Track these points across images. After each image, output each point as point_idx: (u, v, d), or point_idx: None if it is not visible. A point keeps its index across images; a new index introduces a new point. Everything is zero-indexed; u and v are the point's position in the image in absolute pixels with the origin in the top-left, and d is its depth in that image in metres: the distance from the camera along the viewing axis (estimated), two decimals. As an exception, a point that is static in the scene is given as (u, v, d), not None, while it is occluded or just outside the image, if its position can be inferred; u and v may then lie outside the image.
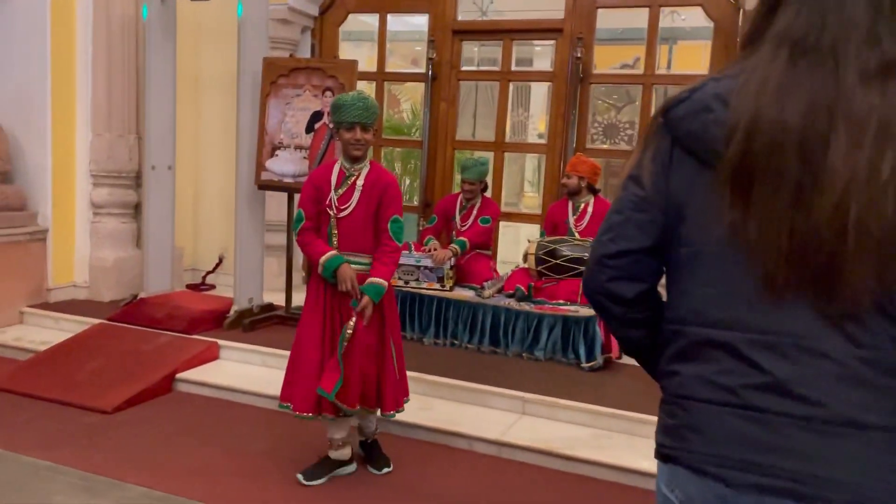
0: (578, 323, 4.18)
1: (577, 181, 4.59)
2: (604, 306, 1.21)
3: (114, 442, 3.33)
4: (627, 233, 1.15)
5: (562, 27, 5.29)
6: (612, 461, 3.21)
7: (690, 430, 1.08)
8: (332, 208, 2.87)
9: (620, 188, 1.20)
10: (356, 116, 2.80)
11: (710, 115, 1.05)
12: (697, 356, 1.09)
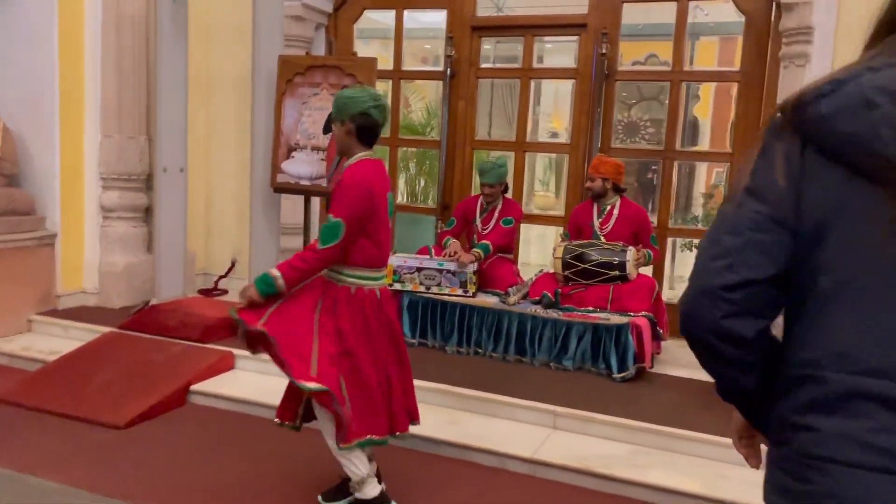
0: (610, 331, 4.00)
1: (602, 183, 4.41)
2: (715, 348, 1.02)
3: (128, 461, 3.17)
4: (748, 259, 0.96)
5: (585, 22, 5.10)
6: (653, 481, 3.03)
7: (832, 499, 0.90)
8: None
9: (732, 204, 1.01)
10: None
11: (877, 113, 0.86)
12: (842, 409, 0.90)
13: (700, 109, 10.06)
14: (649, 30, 7.05)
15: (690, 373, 4.21)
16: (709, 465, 3.17)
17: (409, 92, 8.29)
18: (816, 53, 4.21)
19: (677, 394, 3.83)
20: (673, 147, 5.05)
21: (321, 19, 5.73)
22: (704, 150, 8.56)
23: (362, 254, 2.62)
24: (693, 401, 3.72)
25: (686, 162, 7.60)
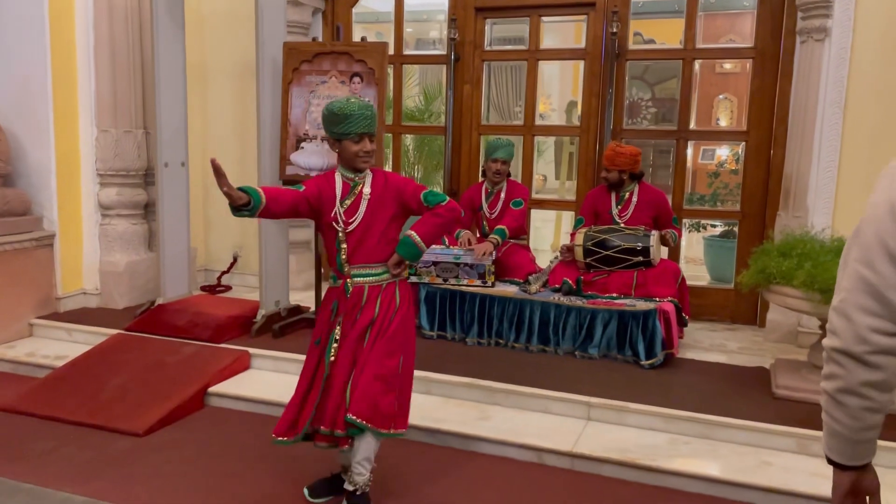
0: (636, 317, 3.92)
1: (618, 175, 4.31)
2: None
3: (152, 469, 3.04)
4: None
5: (594, 1, 4.98)
6: (696, 471, 2.97)
7: None
8: (338, 223, 2.58)
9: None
10: (366, 127, 2.52)
11: None
12: None
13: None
14: (651, 7, 6.93)
15: (715, 357, 4.16)
16: (750, 452, 3.11)
17: (404, 77, 8.11)
18: (836, 27, 4.12)
19: (708, 379, 3.76)
20: (687, 127, 4.96)
21: (318, 4, 5.56)
22: (719, 129, 8.48)
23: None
24: (726, 386, 3.66)
25: (697, 142, 7.54)
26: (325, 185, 2.61)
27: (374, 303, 2.59)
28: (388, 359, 2.57)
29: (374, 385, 2.52)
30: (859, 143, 4.16)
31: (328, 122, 2.56)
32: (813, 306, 3.28)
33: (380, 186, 2.60)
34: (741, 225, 4.89)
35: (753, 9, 4.75)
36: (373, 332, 2.58)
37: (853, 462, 1.29)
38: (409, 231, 2.58)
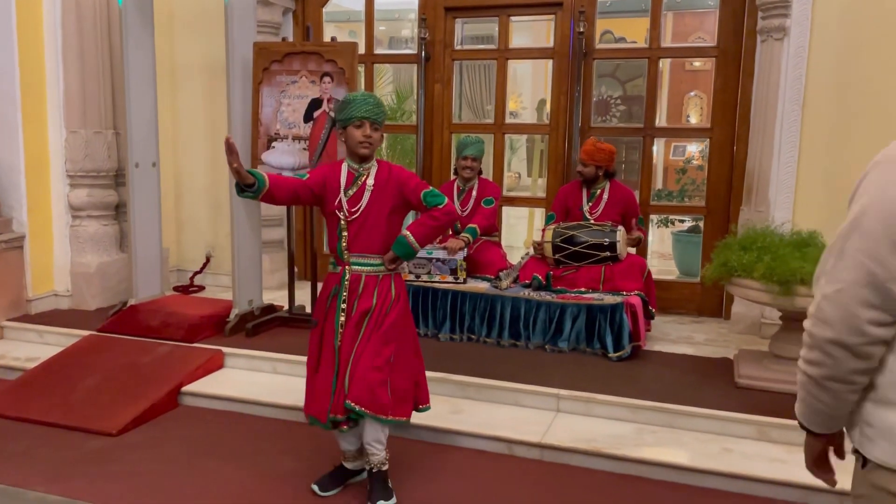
0: (604, 311, 4.01)
1: (594, 170, 4.40)
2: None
3: (126, 468, 3.06)
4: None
5: (562, 1, 5.06)
6: (661, 459, 3.05)
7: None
8: (341, 210, 2.69)
9: None
10: (367, 112, 2.63)
11: None
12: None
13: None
14: (617, 6, 7.05)
15: (682, 348, 4.26)
16: (713, 440, 3.21)
17: (375, 76, 8.14)
18: (795, 26, 4.25)
19: (674, 370, 3.86)
20: (653, 125, 5.07)
21: (289, 4, 5.58)
22: (684, 126, 8.63)
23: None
24: (691, 376, 3.76)
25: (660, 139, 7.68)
26: (331, 174, 2.73)
27: (371, 293, 2.69)
28: (384, 348, 2.67)
29: (371, 374, 2.63)
30: (817, 138, 4.29)
31: (337, 112, 2.71)
32: (772, 298, 3.38)
33: (383, 178, 2.69)
34: (706, 220, 5.01)
35: (718, 8, 4.86)
36: (370, 323, 2.68)
37: (831, 430, 1.38)
38: (405, 231, 2.69)
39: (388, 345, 2.68)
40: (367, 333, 2.67)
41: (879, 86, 4.12)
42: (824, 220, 4.07)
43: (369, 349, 2.65)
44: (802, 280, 3.28)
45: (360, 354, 2.65)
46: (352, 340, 2.68)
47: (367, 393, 2.61)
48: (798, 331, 3.60)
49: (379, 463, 2.74)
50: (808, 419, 1.38)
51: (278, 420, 3.56)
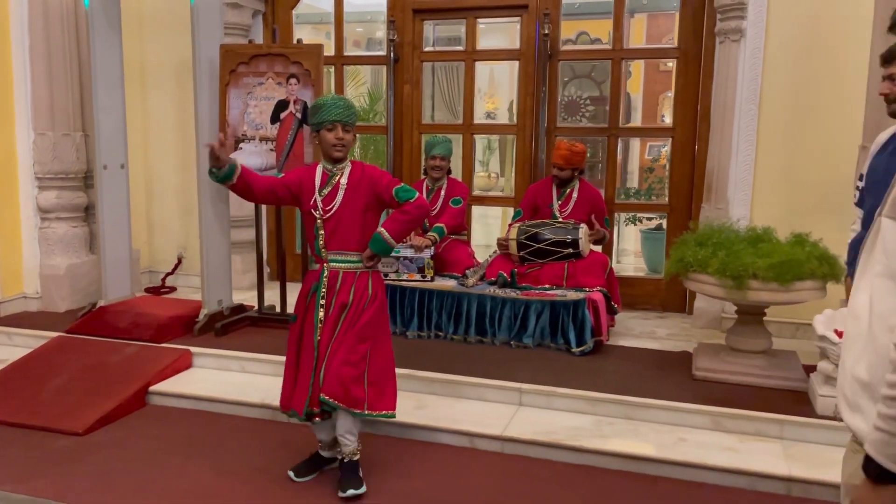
0: (567, 307, 4.10)
1: (571, 172, 4.50)
2: None
3: (92, 467, 3.09)
4: None
5: (527, 3, 5.15)
6: (618, 449, 3.14)
7: None
8: (316, 210, 2.79)
9: None
10: (338, 115, 2.74)
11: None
12: None
13: (632, 85, 10.29)
14: (585, 8, 7.15)
15: (643, 343, 4.36)
16: (669, 430, 3.30)
17: (347, 78, 8.18)
18: (751, 28, 4.36)
19: (634, 363, 3.96)
20: (617, 124, 5.17)
21: (258, 6, 5.62)
22: (645, 126, 8.77)
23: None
24: (648, 369, 3.86)
25: (623, 138, 7.79)
26: (306, 175, 2.84)
27: (348, 289, 2.79)
28: (359, 345, 2.77)
29: (345, 369, 2.72)
30: (773, 137, 4.42)
31: (310, 116, 2.81)
32: (726, 292, 3.48)
33: (356, 178, 2.79)
34: (669, 217, 5.12)
35: (676, 11, 4.97)
36: (346, 319, 2.77)
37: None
38: (380, 228, 2.80)
39: (364, 341, 2.77)
40: (343, 329, 2.77)
41: (831, 86, 4.25)
42: (780, 216, 4.20)
43: (345, 345, 2.75)
44: (755, 275, 3.38)
45: (335, 350, 2.75)
46: (330, 336, 2.77)
47: (340, 387, 2.71)
48: (752, 324, 3.73)
49: (350, 453, 2.84)
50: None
51: (246, 418, 3.61)
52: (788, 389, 3.53)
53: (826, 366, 3.26)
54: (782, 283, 3.35)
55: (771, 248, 3.52)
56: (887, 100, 2.20)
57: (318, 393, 2.74)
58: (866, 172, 2.37)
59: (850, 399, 1.23)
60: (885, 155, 2.30)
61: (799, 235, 3.60)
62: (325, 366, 2.74)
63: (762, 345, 3.69)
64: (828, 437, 3.12)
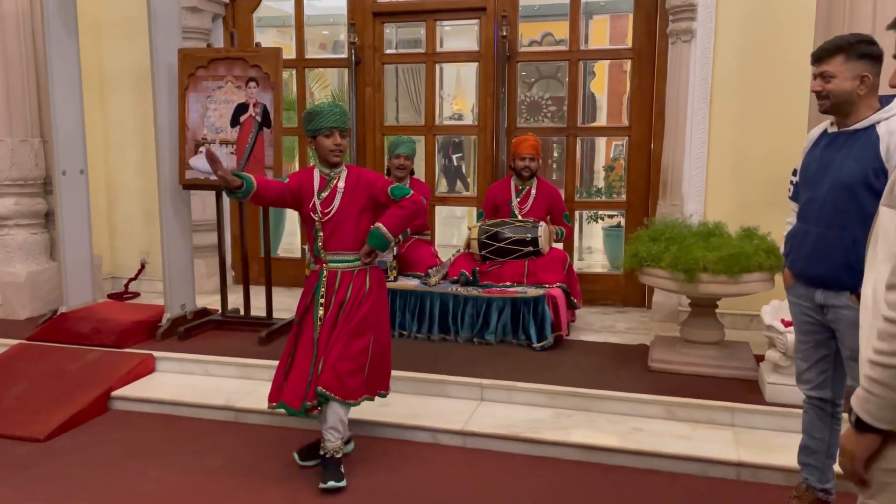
0: (527, 303, 4.18)
1: (538, 163, 4.61)
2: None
3: (53, 472, 3.09)
4: None
5: (485, 5, 5.22)
6: (575, 440, 3.22)
7: None
8: (315, 213, 2.91)
9: None
10: (335, 122, 2.85)
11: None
12: None
13: (596, 85, 10.43)
14: (545, 10, 7.26)
15: (603, 337, 4.46)
16: (624, 421, 3.39)
17: (311, 80, 8.19)
18: (700, 29, 4.49)
19: (592, 357, 4.05)
20: (575, 124, 5.27)
21: (218, 10, 5.62)
22: (605, 125, 8.91)
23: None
24: (606, 363, 3.95)
25: (588, 137, 7.95)
26: (306, 179, 2.94)
27: (346, 286, 2.90)
28: (357, 339, 2.88)
29: (341, 363, 2.83)
30: (724, 135, 4.55)
31: (305, 123, 2.88)
32: (678, 285, 3.59)
33: (353, 181, 2.91)
34: (627, 214, 5.23)
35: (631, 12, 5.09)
36: (343, 314, 2.88)
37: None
38: (378, 223, 2.89)
39: (362, 335, 2.89)
40: (340, 325, 2.87)
41: (778, 84, 4.39)
42: (732, 211, 4.33)
43: (341, 341, 2.85)
44: (705, 268, 3.49)
45: (332, 345, 2.85)
46: (329, 333, 2.87)
47: (335, 380, 2.82)
48: (705, 316, 3.84)
49: (333, 450, 2.92)
50: (880, 416, 1.30)
51: (208, 420, 3.62)
52: (740, 378, 3.64)
53: (773, 354, 3.37)
54: (731, 276, 3.46)
55: (721, 242, 3.63)
56: (819, 97, 2.30)
57: (314, 387, 2.82)
58: (800, 168, 2.48)
59: None
60: (818, 150, 2.41)
61: (748, 229, 3.72)
62: (322, 360, 2.85)
63: (715, 336, 3.81)
64: (776, 423, 3.24)
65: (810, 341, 2.48)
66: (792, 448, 2.70)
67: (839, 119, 2.33)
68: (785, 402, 3.29)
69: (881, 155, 2.19)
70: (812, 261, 2.37)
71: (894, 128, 2.20)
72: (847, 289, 2.27)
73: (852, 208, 2.24)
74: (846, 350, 2.34)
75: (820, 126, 2.47)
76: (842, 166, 2.27)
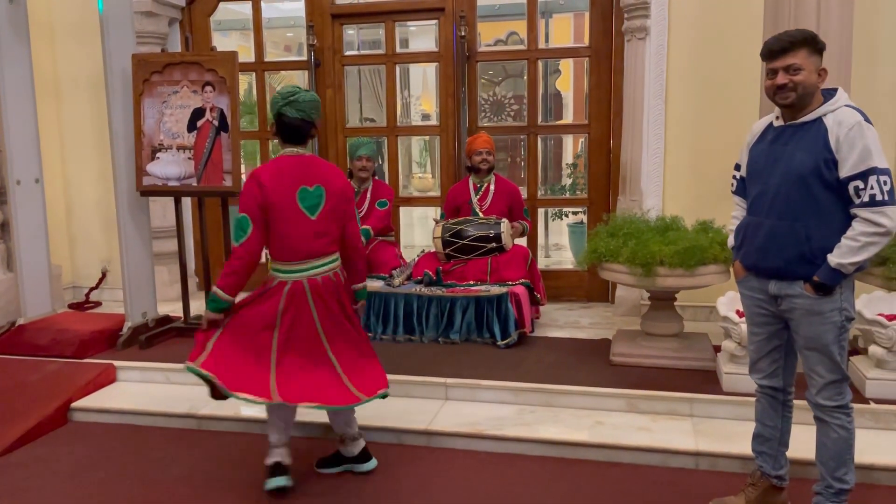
0: (491, 302, 4.20)
1: (493, 157, 4.64)
2: None
3: (13, 486, 3.03)
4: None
5: (443, 6, 5.24)
6: (539, 436, 3.25)
7: None
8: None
9: None
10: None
11: None
12: None
13: (562, 83, 10.50)
14: (505, 10, 7.30)
15: (568, 333, 4.50)
16: (586, 415, 3.43)
17: (274, 82, 8.13)
18: (654, 26, 4.56)
19: (556, 353, 4.09)
20: (535, 122, 5.31)
21: (174, 14, 5.55)
22: (565, 123, 8.99)
23: (272, 248, 2.82)
24: (569, 358, 3.99)
25: (551, 136, 8.01)
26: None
27: (321, 293, 2.81)
28: (357, 334, 2.92)
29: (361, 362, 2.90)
30: (680, 130, 4.62)
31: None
32: (636, 279, 3.64)
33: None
34: (589, 211, 5.29)
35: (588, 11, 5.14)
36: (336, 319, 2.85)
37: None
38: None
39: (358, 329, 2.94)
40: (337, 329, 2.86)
41: (731, 79, 4.47)
42: (689, 205, 4.40)
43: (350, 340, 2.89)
44: (662, 261, 3.55)
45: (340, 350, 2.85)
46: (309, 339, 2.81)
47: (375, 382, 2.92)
48: (664, 309, 3.90)
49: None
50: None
51: (170, 429, 3.59)
52: (699, 370, 3.71)
53: (729, 345, 3.44)
54: (687, 269, 3.52)
55: (678, 235, 3.69)
56: (783, 90, 2.30)
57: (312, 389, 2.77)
58: (747, 162, 2.51)
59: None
60: (765, 144, 2.45)
61: (703, 223, 3.79)
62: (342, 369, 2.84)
63: (674, 328, 3.87)
64: (733, 411, 3.31)
65: (763, 332, 2.53)
66: (748, 436, 2.75)
67: (789, 113, 2.36)
68: (741, 391, 3.35)
69: (831, 146, 2.24)
70: (765, 252, 2.40)
71: (842, 118, 2.25)
72: (800, 278, 2.33)
73: (805, 199, 2.29)
74: (801, 339, 2.39)
75: (763, 120, 2.52)
76: (792, 158, 2.31)
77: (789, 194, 2.31)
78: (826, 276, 2.26)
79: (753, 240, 2.44)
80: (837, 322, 2.32)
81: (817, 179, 2.26)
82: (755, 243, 2.43)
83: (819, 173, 2.25)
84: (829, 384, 2.36)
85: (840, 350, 2.34)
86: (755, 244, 2.43)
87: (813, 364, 2.38)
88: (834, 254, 2.25)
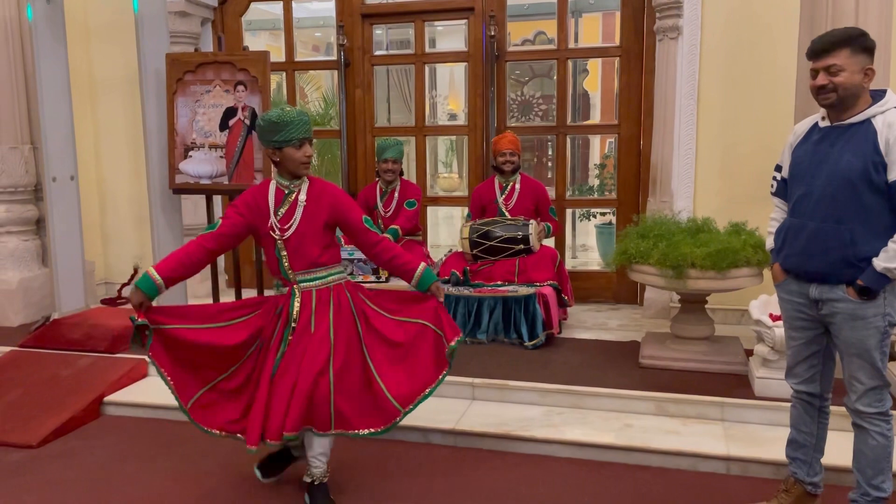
0: (518, 302, 4.19)
1: (518, 158, 4.61)
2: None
3: (46, 479, 3.09)
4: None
5: (473, 5, 5.23)
6: (567, 437, 3.23)
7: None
8: (274, 231, 2.69)
9: None
10: (306, 132, 2.65)
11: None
12: None
13: (589, 83, 10.44)
14: (534, 9, 7.27)
15: (595, 334, 4.47)
16: (615, 417, 3.40)
17: (303, 82, 8.20)
18: (687, 26, 4.51)
19: (584, 354, 4.06)
20: (564, 122, 5.28)
21: (207, 14, 5.62)
22: (594, 123, 8.93)
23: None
24: (597, 359, 3.97)
25: (580, 136, 7.96)
26: (259, 197, 2.72)
27: (327, 305, 2.71)
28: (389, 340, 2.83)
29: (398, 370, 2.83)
30: (712, 130, 4.56)
31: (267, 133, 2.64)
32: (666, 281, 3.60)
33: (315, 193, 2.71)
34: (618, 212, 5.24)
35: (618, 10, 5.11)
36: (353, 331, 2.74)
37: None
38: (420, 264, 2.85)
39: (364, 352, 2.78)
40: (358, 343, 2.76)
41: (764, 79, 4.41)
42: (721, 206, 4.35)
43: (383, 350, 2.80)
44: (693, 264, 3.50)
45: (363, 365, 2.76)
46: (300, 358, 2.65)
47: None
48: (695, 312, 3.85)
49: (321, 476, 2.77)
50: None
51: (201, 423, 3.62)
52: (730, 373, 3.66)
53: (762, 348, 3.39)
54: (719, 271, 3.47)
55: (709, 237, 3.64)
56: (824, 91, 2.26)
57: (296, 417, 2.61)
58: (791, 163, 2.46)
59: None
60: (809, 144, 2.39)
61: (736, 225, 3.73)
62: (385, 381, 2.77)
63: (705, 331, 3.82)
64: (765, 416, 3.26)
65: (801, 337, 2.47)
66: (781, 441, 2.71)
67: (835, 113, 2.31)
68: (774, 395, 3.30)
69: (880, 148, 2.19)
70: (808, 255, 2.35)
71: (892, 120, 2.20)
72: (843, 282, 2.28)
73: (851, 202, 2.24)
74: (842, 344, 2.34)
75: (808, 120, 2.47)
76: (839, 160, 2.26)
77: (835, 196, 2.26)
78: (871, 280, 2.22)
79: (795, 242, 2.38)
80: (881, 327, 2.27)
81: (865, 182, 2.21)
82: (797, 246, 2.38)
83: (867, 176, 2.20)
84: (869, 390, 2.32)
85: (882, 356, 2.29)
86: (797, 247, 2.38)
87: (854, 370, 2.33)
88: (880, 258, 2.20)
